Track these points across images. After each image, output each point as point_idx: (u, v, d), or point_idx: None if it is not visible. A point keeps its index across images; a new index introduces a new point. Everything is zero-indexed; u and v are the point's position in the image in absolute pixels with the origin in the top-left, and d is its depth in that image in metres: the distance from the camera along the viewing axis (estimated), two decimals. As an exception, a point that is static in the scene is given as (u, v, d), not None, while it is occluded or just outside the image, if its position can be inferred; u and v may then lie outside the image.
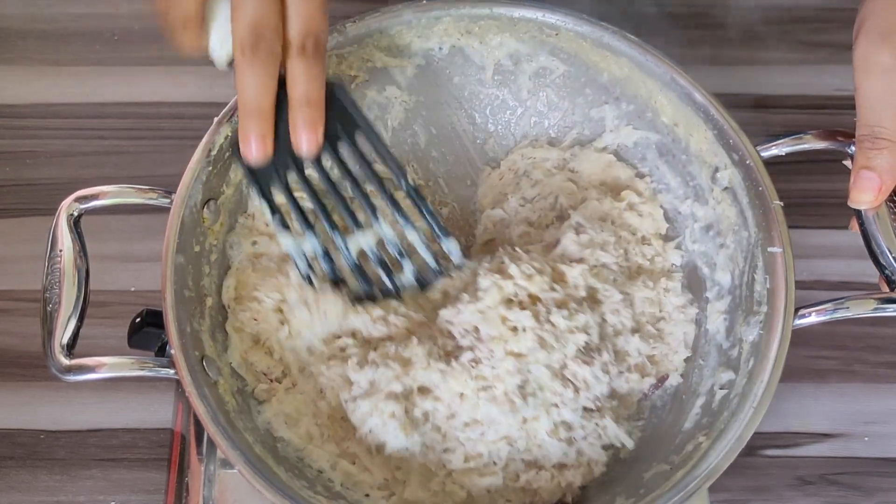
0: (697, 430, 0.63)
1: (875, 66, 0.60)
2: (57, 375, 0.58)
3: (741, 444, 0.59)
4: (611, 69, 0.71)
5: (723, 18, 0.92)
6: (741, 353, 0.64)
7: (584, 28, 0.70)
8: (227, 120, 0.66)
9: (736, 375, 0.63)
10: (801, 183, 0.68)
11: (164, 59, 0.89)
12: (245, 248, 0.68)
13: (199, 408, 0.58)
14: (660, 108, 0.71)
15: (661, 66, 0.69)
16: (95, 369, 0.59)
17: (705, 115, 0.68)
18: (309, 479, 0.61)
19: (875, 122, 0.60)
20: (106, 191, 0.63)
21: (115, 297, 0.76)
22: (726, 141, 0.67)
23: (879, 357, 0.77)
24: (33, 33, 0.91)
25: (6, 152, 0.84)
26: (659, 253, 0.71)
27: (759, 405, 0.60)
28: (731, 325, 0.66)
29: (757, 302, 0.64)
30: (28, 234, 0.80)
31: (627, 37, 0.70)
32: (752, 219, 0.66)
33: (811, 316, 0.61)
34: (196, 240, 0.65)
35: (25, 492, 0.71)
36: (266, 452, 0.60)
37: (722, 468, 0.58)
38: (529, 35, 0.72)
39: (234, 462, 0.58)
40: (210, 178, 0.66)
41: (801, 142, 0.67)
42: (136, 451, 0.72)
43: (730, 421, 0.60)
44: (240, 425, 0.61)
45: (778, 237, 0.64)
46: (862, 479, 0.73)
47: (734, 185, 0.67)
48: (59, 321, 0.59)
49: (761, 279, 0.64)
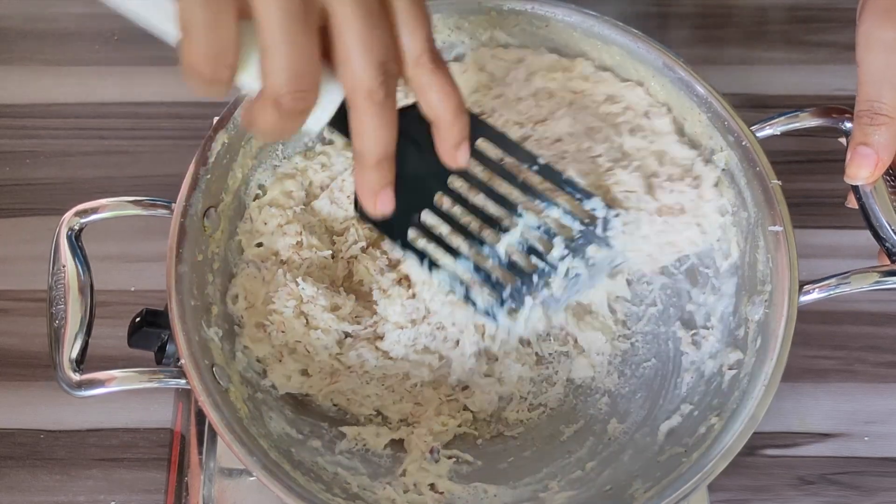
0: (709, 411, 0.63)
1: (878, 41, 0.60)
2: (67, 391, 0.58)
3: (755, 423, 0.59)
4: (602, 58, 0.71)
5: (722, 18, 0.92)
6: (748, 333, 0.64)
7: (573, 18, 0.71)
8: (223, 127, 0.66)
9: (744, 355, 0.63)
10: (802, 183, 0.68)
11: (164, 59, 0.89)
12: (248, 253, 0.68)
13: (214, 417, 0.58)
14: (653, 93, 0.71)
15: (653, 52, 0.69)
16: (106, 383, 0.59)
17: (698, 98, 0.68)
18: (326, 482, 0.61)
19: (875, 98, 0.60)
20: (105, 204, 0.63)
21: (115, 297, 0.76)
22: (721, 123, 0.67)
23: (879, 357, 0.77)
24: (33, 33, 0.91)
25: (6, 152, 0.84)
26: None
27: (769, 383, 0.60)
28: (737, 306, 0.67)
29: (760, 281, 0.64)
30: (28, 234, 0.80)
31: (617, 25, 0.70)
32: (750, 199, 0.66)
33: (814, 292, 0.62)
34: (198, 249, 0.65)
35: (25, 492, 0.71)
36: (282, 458, 0.60)
37: (737, 448, 0.58)
38: (519, 28, 0.72)
39: (252, 468, 0.57)
40: (209, 186, 0.66)
41: (795, 120, 0.67)
42: (136, 451, 0.72)
43: (741, 400, 0.60)
44: (254, 432, 0.60)
45: (778, 216, 0.64)
46: (862, 479, 0.73)
47: (731, 166, 0.67)
48: (66, 337, 0.59)
49: (763, 259, 0.64)
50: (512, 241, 0.63)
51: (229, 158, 0.68)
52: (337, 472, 0.63)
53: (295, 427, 0.65)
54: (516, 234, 0.62)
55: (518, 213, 0.62)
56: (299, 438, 0.64)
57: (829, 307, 0.72)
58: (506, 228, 0.62)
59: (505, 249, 0.62)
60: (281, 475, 0.58)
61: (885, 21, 0.60)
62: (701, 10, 0.92)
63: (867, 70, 0.61)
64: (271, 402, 0.65)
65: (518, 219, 0.62)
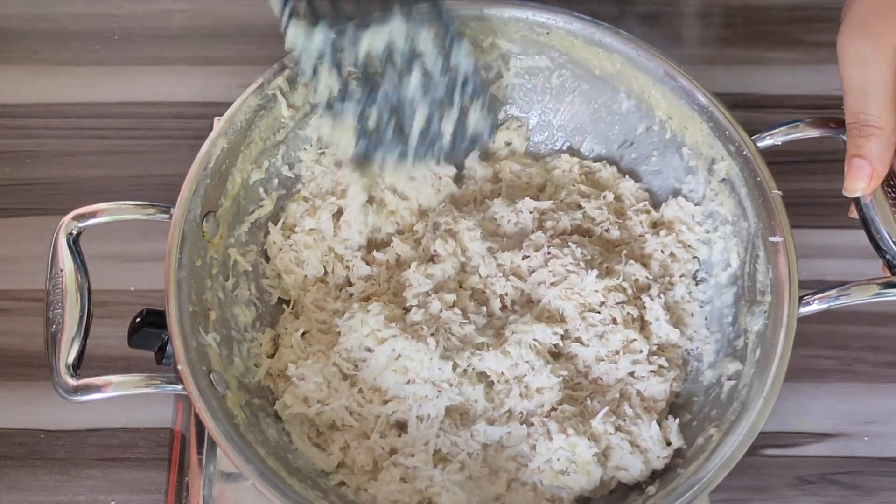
0: (706, 422, 0.63)
1: (854, 55, 0.61)
2: (64, 396, 0.58)
3: (753, 433, 0.59)
4: (603, 66, 0.71)
5: (723, 18, 0.92)
6: (747, 344, 0.64)
7: (574, 26, 0.71)
8: (224, 133, 0.66)
9: (743, 366, 0.63)
10: (801, 183, 0.68)
11: (164, 59, 0.89)
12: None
13: (211, 424, 0.58)
14: (654, 102, 0.71)
15: (653, 61, 0.69)
16: (102, 388, 0.59)
17: (700, 107, 0.68)
18: (323, 490, 0.61)
19: (860, 110, 0.61)
20: (104, 208, 0.63)
21: (115, 297, 0.76)
22: (722, 132, 0.67)
23: (879, 357, 0.77)
24: (33, 33, 0.91)
25: (6, 152, 0.84)
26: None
27: (768, 394, 0.60)
28: (736, 316, 0.66)
29: (760, 292, 0.64)
30: (28, 234, 0.80)
31: (619, 32, 0.70)
32: (751, 209, 0.66)
33: (814, 303, 0.62)
34: (197, 254, 0.65)
35: (25, 492, 0.71)
36: (278, 464, 0.60)
37: (736, 458, 0.58)
38: (521, 35, 0.72)
39: (249, 475, 0.58)
40: (208, 190, 0.66)
41: (795, 130, 0.67)
42: (135, 450, 0.72)
43: (741, 412, 0.60)
44: (250, 438, 0.60)
45: (778, 226, 0.64)
46: (862, 479, 0.73)
47: (732, 176, 0.67)
48: (63, 342, 0.59)
49: (763, 269, 0.64)
50: (375, 43, 0.64)
51: (228, 163, 0.68)
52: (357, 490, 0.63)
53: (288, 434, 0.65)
54: (380, 39, 0.64)
55: (391, 10, 0.64)
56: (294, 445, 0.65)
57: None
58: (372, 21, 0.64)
59: (365, 47, 0.64)
60: (278, 482, 0.58)
61: (860, 34, 0.61)
62: (701, 10, 0.92)
63: (849, 84, 0.62)
64: (268, 407, 0.66)
65: (390, 18, 0.64)
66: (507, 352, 0.64)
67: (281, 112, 0.70)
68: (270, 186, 0.72)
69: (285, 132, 0.72)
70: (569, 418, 0.63)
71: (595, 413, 0.63)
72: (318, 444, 0.65)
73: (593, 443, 0.62)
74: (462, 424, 0.64)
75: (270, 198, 0.72)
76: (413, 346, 0.63)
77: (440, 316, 0.65)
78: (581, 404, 0.64)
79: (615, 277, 0.66)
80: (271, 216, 0.72)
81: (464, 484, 0.62)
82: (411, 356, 0.63)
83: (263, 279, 0.71)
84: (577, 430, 0.62)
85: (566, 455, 0.62)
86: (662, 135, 0.72)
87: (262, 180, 0.71)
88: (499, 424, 0.63)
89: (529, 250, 0.68)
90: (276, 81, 0.69)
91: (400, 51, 0.64)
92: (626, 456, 0.62)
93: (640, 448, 0.63)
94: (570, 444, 0.61)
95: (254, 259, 0.71)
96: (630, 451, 0.62)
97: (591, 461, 0.61)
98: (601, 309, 0.66)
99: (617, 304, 0.66)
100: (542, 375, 0.64)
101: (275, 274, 0.71)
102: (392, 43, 0.64)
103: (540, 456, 0.62)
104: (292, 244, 0.71)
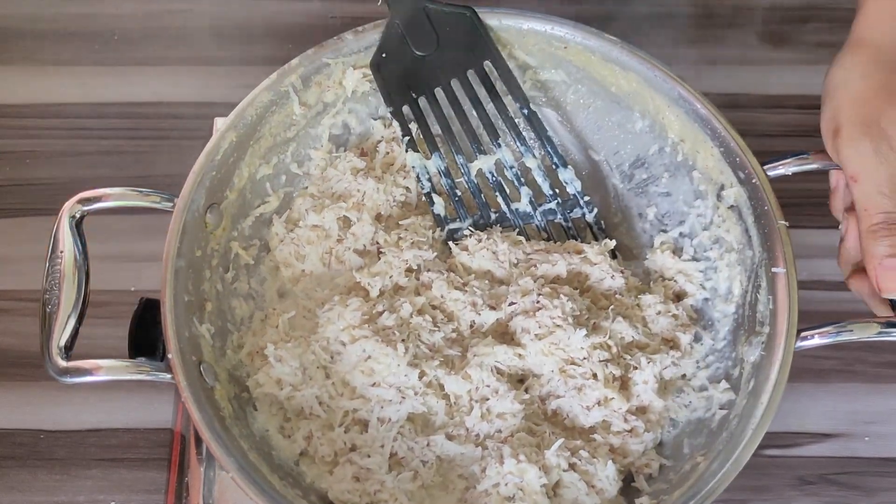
0: (695, 450, 0.63)
1: (872, 156, 0.60)
2: (54, 377, 0.58)
3: (738, 466, 0.58)
4: (619, 83, 0.71)
5: (723, 18, 0.92)
6: (742, 374, 0.64)
7: (592, 42, 0.70)
8: (233, 127, 0.66)
9: (736, 396, 0.63)
10: (802, 183, 0.67)
11: (164, 59, 0.89)
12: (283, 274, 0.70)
13: (195, 413, 0.59)
14: (667, 123, 0.70)
15: (669, 82, 0.69)
16: (92, 372, 0.59)
17: (712, 132, 0.67)
18: (303, 488, 0.61)
19: (890, 209, 0.59)
20: (109, 193, 0.63)
21: (115, 297, 0.76)
22: (733, 159, 0.67)
23: (879, 357, 0.77)
24: (33, 33, 0.91)
25: (6, 152, 0.84)
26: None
27: (758, 427, 0.59)
28: (733, 344, 0.66)
29: (759, 322, 0.64)
30: (28, 234, 0.80)
31: (636, 52, 0.69)
32: (756, 238, 0.65)
33: (814, 339, 0.61)
34: (198, 244, 0.65)
35: (25, 492, 0.71)
36: (261, 460, 0.60)
37: (719, 490, 0.58)
38: (538, 48, 0.72)
39: (228, 468, 0.58)
40: (213, 182, 0.66)
41: (805, 161, 0.66)
42: (135, 451, 0.72)
43: (729, 442, 0.60)
44: (235, 432, 0.61)
45: (782, 257, 0.63)
46: (862, 479, 0.73)
47: (740, 203, 0.67)
48: (57, 323, 0.59)
49: (764, 300, 0.64)
50: (485, 166, 0.70)
51: (236, 157, 0.68)
52: (314, 481, 0.63)
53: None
54: (490, 162, 0.70)
55: (498, 143, 0.70)
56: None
57: (829, 307, 0.72)
58: (483, 151, 0.70)
59: (476, 172, 0.70)
60: (257, 477, 0.58)
61: (867, 133, 0.60)
62: (701, 11, 0.91)
63: (874, 183, 0.60)
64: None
65: (496, 149, 0.70)
66: (467, 375, 0.63)
67: (293, 109, 0.70)
68: (278, 183, 0.72)
69: (296, 129, 0.72)
70: (524, 446, 0.62)
71: (551, 444, 0.62)
72: (282, 430, 0.65)
73: (543, 473, 0.61)
74: (422, 433, 0.63)
75: (277, 195, 0.72)
76: (382, 349, 0.63)
77: (411, 322, 0.65)
78: (538, 437, 0.63)
79: (601, 334, 0.65)
80: (277, 212, 0.72)
81: (414, 494, 0.62)
82: (379, 360, 0.63)
83: (262, 266, 0.71)
84: (530, 457, 0.61)
85: (514, 481, 0.61)
86: (674, 157, 0.71)
87: (269, 176, 0.71)
88: (457, 442, 0.63)
89: (516, 296, 0.66)
90: (289, 78, 0.69)
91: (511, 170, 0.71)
92: (581, 496, 0.61)
93: (596, 488, 0.62)
94: (520, 469, 0.60)
95: (256, 254, 0.71)
96: (586, 492, 0.61)
97: (539, 492, 0.60)
98: (582, 363, 0.64)
99: (600, 362, 0.64)
100: (506, 401, 0.63)
101: (273, 266, 0.71)
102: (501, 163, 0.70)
103: (489, 479, 0.61)
104: (294, 237, 0.70)
